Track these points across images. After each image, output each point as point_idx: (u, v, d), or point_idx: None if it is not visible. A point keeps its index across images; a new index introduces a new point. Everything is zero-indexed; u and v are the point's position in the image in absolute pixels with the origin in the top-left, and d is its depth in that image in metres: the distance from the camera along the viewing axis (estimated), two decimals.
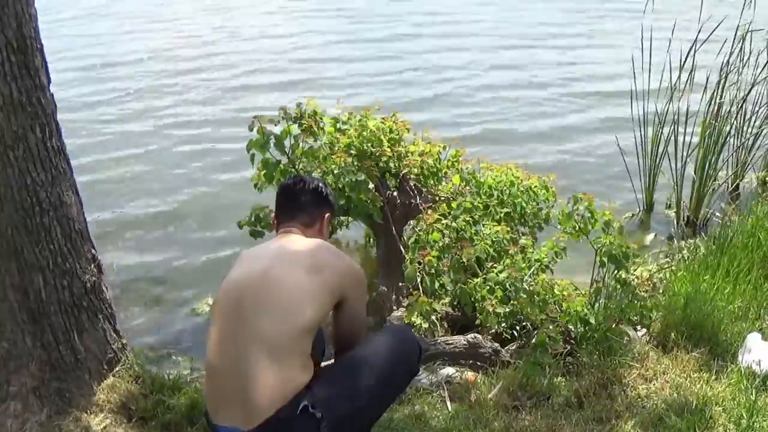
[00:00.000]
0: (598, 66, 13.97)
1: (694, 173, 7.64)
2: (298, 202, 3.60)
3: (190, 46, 15.58)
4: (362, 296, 3.50)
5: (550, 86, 13.17)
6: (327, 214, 3.67)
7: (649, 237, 7.52)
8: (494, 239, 5.08)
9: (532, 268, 4.96)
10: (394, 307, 5.41)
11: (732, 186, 8.26)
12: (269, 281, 3.16)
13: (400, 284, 5.42)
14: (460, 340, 4.71)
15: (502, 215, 5.55)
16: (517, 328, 4.95)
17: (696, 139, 7.69)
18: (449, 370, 4.51)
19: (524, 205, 5.69)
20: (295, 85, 12.83)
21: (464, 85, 13.28)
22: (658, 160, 7.80)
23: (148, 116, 11.53)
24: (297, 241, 3.42)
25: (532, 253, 5.14)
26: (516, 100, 12.35)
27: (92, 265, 4.14)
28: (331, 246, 3.48)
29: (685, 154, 7.69)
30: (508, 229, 5.31)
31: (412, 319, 4.76)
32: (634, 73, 7.63)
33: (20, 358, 3.90)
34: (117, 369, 4.26)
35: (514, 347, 4.83)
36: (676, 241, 7.17)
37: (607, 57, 14.15)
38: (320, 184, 3.70)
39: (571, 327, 4.64)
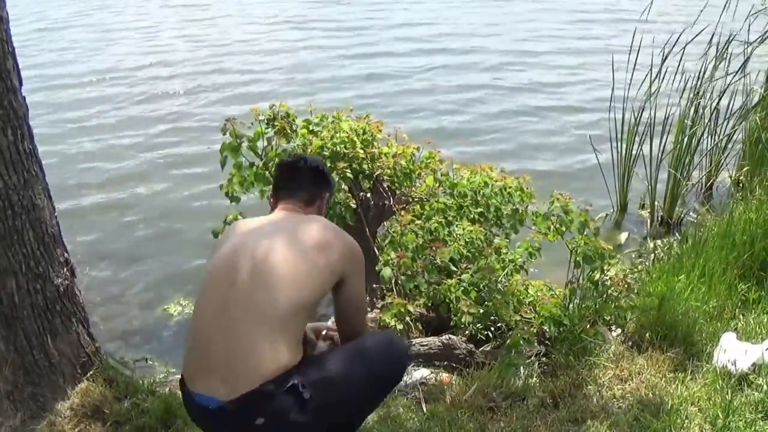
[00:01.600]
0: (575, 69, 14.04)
1: (669, 172, 7.69)
2: (299, 181, 3.55)
3: (165, 62, 15.42)
4: (361, 276, 3.40)
5: (521, 87, 13.27)
6: (326, 194, 3.64)
7: (623, 236, 7.56)
8: (467, 240, 5.09)
9: (507, 269, 4.97)
10: (368, 309, 5.40)
11: (706, 186, 8.33)
12: (270, 256, 3.10)
13: (374, 285, 5.42)
14: (434, 341, 4.71)
15: (475, 216, 5.56)
16: (492, 329, 4.95)
17: (671, 139, 7.74)
18: (424, 372, 4.52)
19: (499, 205, 5.69)
20: (269, 93, 12.71)
21: (433, 88, 13.35)
22: (631, 160, 7.84)
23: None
24: (298, 219, 3.38)
25: (506, 253, 5.15)
26: (483, 101, 12.45)
27: (65, 269, 4.11)
28: (332, 224, 3.45)
29: (659, 155, 7.74)
30: (482, 229, 5.32)
31: (387, 320, 4.78)
32: (614, 74, 7.66)
33: None
34: (91, 373, 4.23)
35: (489, 348, 4.84)
36: (649, 241, 7.21)
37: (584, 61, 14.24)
38: (320, 164, 3.67)
39: (545, 328, 4.65)
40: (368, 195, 5.72)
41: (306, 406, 2.94)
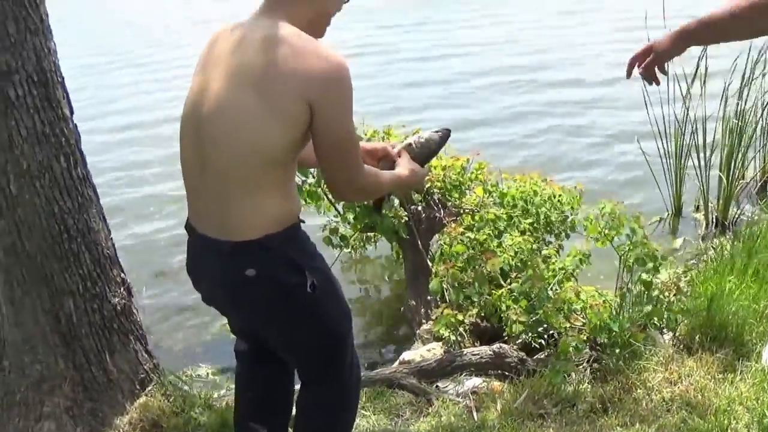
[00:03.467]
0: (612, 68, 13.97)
1: (720, 173, 7.62)
2: None
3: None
4: (339, 105, 2.64)
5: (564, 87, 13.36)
6: None
7: (678, 241, 7.48)
8: (516, 250, 5.13)
9: (557, 277, 5.00)
10: (423, 321, 5.47)
11: (759, 184, 8.24)
12: (218, 109, 2.64)
13: (429, 298, 5.48)
14: (485, 350, 4.75)
15: (526, 225, 5.59)
16: (545, 336, 4.98)
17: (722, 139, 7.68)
18: (475, 381, 4.56)
19: (549, 213, 5.73)
20: None
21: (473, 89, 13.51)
22: (683, 162, 7.77)
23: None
24: (252, 41, 2.64)
25: (555, 262, 5.17)
26: (527, 106, 12.58)
27: (122, 289, 4.25)
28: (289, 39, 2.59)
29: (710, 154, 7.69)
30: (532, 239, 5.35)
31: (440, 330, 4.84)
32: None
33: (53, 379, 4.00)
34: (149, 388, 4.34)
35: (542, 356, 4.87)
36: (703, 243, 7.15)
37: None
38: None
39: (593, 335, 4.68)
40: (419, 208, 5.80)
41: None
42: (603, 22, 19.36)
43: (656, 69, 3.04)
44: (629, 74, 3.07)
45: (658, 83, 3.11)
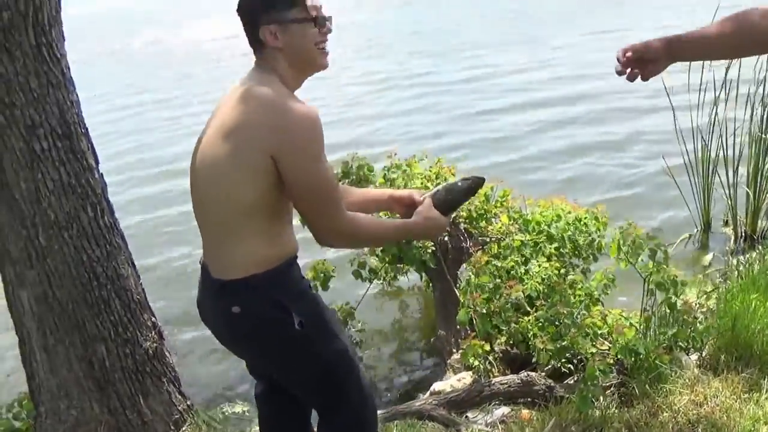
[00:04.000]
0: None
1: (747, 187, 7.59)
2: (244, 25, 2.86)
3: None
4: (300, 151, 2.66)
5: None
6: (270, 24, 2.76)
7: (708, 257, 7.46)
8: (543, 276, 5.15)
9: (583, 302, 5.01)
10: (453, 350, 5.50)
11: None
12: (201, 160, 2.80)
13: (458, 327, 5.51)
14: (513, 379, 4.77)
15: (551, 251, 5.61)
16: (573, 362, 4.98)
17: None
18: (504, 410, 4.57)
19: (575, 237, 5.74)
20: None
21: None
22: (709, 177, 7.71)
23: None
24: (235, 95, 2.76)
25: (581, 288, 5.17)
26: (548, 126, 12.75)
27: (153, 332, 4.34)
28: (259, 95, 2.70)
29: (736, 168, 7.63)
30: (558, 265, 5.37)
31: (469, 360, 4.87)
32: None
33: (88, 424, 4.11)
34: (183, 429, 4.43)
35: (571, 381, 4.88)
36: (731, 259, 7.10)
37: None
38: None
39: (621, 357, 4.68)
40: (446, 239, 5.84)
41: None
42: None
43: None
44: (621, 73, 3.01)
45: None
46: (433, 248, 5.65)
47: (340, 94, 17.04)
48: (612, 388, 4.58)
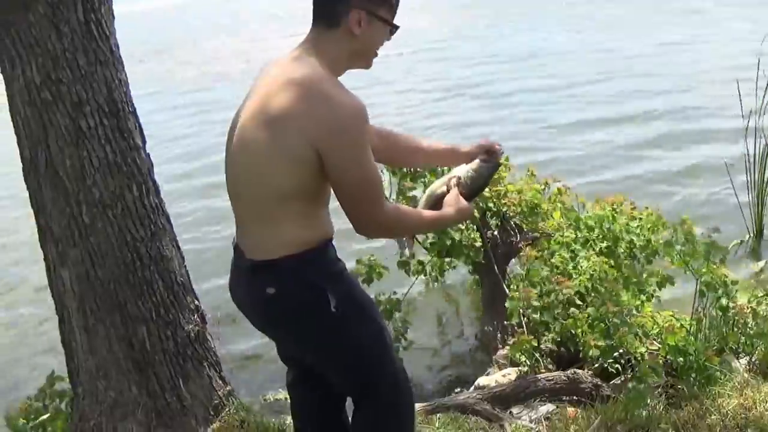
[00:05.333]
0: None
1: None
2: None
3: None
4: (348, 147, 2.65)
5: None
6: (358, 12, 2.72)
7: (760, 264, 7.30)
8: (592, 272, 5.03)
9: (636, 300, 4.90)
10: (500, 346, 5.43)
11: None
12: (240, 143, 2.77)
13: (505, 323, 5.43)
14: (560, 376, 4.68)
15: (602, 248, 5.48)
16: (621, 362, 4.88)
17: None
18: (549, 407, 4.49)
19: (633, 237, 5.58)
20: None
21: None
22: (765, 182, 7.57)
23: None
24: (276, 76, 2.72)
25: (630, 289, 5.04)
26: (606, 128, 12.61)
27: (195, 315, 4.31)
28: (305, 83, 2.64)
29: None
30: (610, 262, 5.24)
31: (516, 355, 4.79)
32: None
33: (126, 405, 4.08)
34: (223, 415, 4.38)
35: (618, 381, 4.78)
36: None
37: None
38: None
39: (670, 358, 4.56)
40: (496, 233, 5.76)
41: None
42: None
43: None
44: None
45: None
46: (480, 241, 5.57)
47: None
48: (660, 389, 4.47)
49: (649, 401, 4.32)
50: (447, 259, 6.01)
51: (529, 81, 17.39)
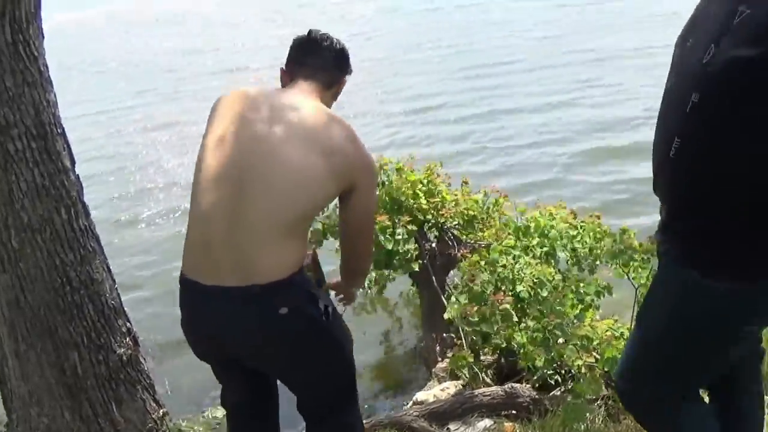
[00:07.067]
0: None
1: None
2: (324, 60, 3.27)
3: None
4: (372, 187, 3.13)
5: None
6: (344, 80, 3.38)
7: None
8: (535, 280, 5.03)
9: (575, 309, 4.91)
10: (439, 359, 5.43)
11: None
12: (277, 157, 2.88)
13: (444, 335, 5.45)
14: (497, 390, 4.69)
15: (542, 253, 5.48)
16: (561, 373, 4.90)
17: None
18: (486, 422, 4.50)
19: (576, 245, 5.58)
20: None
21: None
22: None
23: None
24: (310, 110, 3.02)
25: (571, 296, 5.06)
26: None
27: (127, 339, 4.24)
28: (346, 125, 3.06)
29: None
30: (552, 270, 5.25)
31: (454, 369, 4.79)
32: None
33: None
34: None
35: (558, 393, 4.80)
36: None
37: None
38: (345, 46, 3.36)
39: (608, 371, 4.59)
40: (434, 245, 5.76)
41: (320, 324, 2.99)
42: None
43: None
44: None
45: None
46: (420, 254, 5.57)
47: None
48: (599, 401, 4.49)
49: (588, 414, 4.34)
50: (385, 272, 6.01)
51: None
